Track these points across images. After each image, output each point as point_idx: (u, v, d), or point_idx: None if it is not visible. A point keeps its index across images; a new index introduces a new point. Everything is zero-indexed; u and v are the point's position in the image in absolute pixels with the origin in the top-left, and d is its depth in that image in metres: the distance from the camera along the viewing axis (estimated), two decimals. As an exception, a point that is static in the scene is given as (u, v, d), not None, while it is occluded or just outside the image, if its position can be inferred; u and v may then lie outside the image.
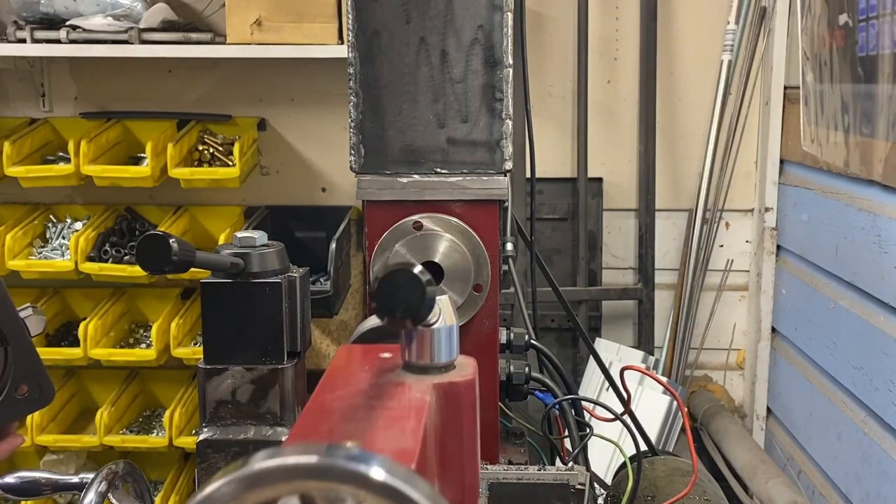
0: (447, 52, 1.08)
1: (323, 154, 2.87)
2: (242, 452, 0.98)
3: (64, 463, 2.74)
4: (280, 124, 2.88)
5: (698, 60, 2.79)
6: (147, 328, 2.75)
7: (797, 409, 2.55)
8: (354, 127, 1.09)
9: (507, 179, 1.12)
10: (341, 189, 2.87)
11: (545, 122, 2.80)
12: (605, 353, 2.72)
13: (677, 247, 2.88)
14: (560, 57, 2.81)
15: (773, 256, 2.74)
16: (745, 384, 2.90)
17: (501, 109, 1.09)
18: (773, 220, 2.73)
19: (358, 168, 1.10)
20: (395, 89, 1.09)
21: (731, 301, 2.89)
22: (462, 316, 1.09)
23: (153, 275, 1.77)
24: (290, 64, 2.74)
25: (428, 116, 1.09)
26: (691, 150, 2.83)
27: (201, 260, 0.91)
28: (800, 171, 2.56)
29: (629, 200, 2.87)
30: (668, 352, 2.83)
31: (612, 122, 2.84)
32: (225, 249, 0.98)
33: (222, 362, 0.97)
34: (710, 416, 2.73)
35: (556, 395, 1.27)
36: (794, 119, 2.49)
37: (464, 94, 1.08)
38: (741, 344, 2.91)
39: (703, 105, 2.79)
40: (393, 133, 1.10)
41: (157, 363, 2.57)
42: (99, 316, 2.59)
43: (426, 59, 1.08)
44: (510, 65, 1.09)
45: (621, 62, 2.82)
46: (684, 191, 2.85)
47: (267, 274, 0.97)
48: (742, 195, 2.83)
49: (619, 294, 2.85)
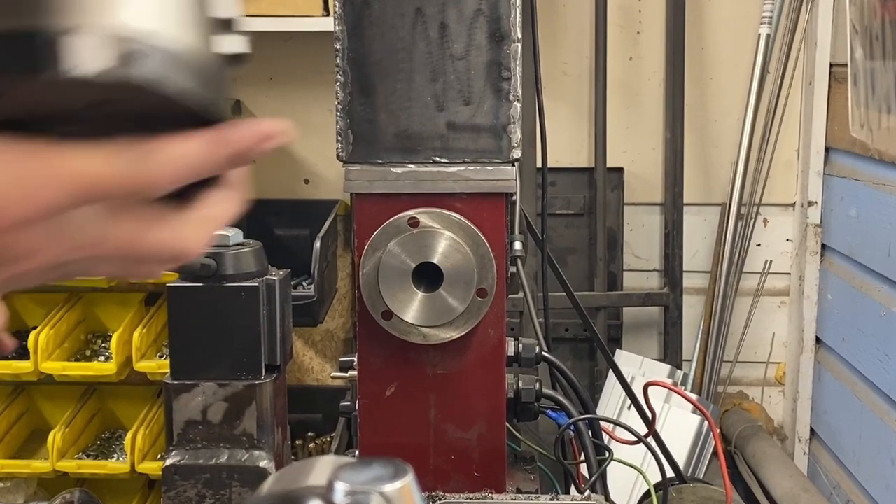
0: (447, 24, 1.08)
1: (306, 141, 2.87)
2: (214, 479, 0.98)
3: (11, 491, 2.74)
4: (257, 107, 2.87)
5: (732, 34, 2.79)
6: (106, 338, 2.75)
7: (845, 430, 2.55)
8: (342, 110, 1.09)
9: (514, 169, 1.12)
10: (327, 180, 2.87)
11: (558, 104, 2.80)
12: (626, 367, 2.72)
13: (708, 246, 2.88)
14: (576, 30, 2.81)
15: (818, 257, 2.74)
16: (786, 402, 2.90)
17: (509, 90, 1.09)
18: (817, 216, 2.73)
19: (346, 157, 1.10)
20: (388, 67, 1.09)
21: (770, 308, 2.89)
22: (464, 325, 1.09)
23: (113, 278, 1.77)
24: (269, 38, 2.73)
25: (425, 98, 1.09)
26: (724, 136, 2.83)
27: (168, 261, 0.91)
28: (847, 159, 2.56)
29: (654, 193, 2.87)
30: (699, 365, 2.83)
31: (635, 105, 2.84)
32: (195, 249, 0.98)
33: (192, 377, 0.97)
34: (745, 439, 2.73)
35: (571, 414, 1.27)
36: (842, 101, 2.49)
37: (466, 72, 1.08)
38: (781, 357, 2.91)
39: (738, 85, 2.79)
40: (385, 117, 1.10)
41: (117, 378, 2.57)
42: (51, 324, 2.59)
43: (423, 33, 1.08)
44: (519, 39, 1.09)
45: (645, 36, 2.82)
46: (716, 182, 2.85)
47: (242, 277, 0.98)
48: (782, 187, 2.82)
49: (643, 300, 2.85)
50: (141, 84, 0.44)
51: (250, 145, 0.53)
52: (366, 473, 0.65)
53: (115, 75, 0.43)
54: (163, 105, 0.46)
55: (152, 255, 0.54)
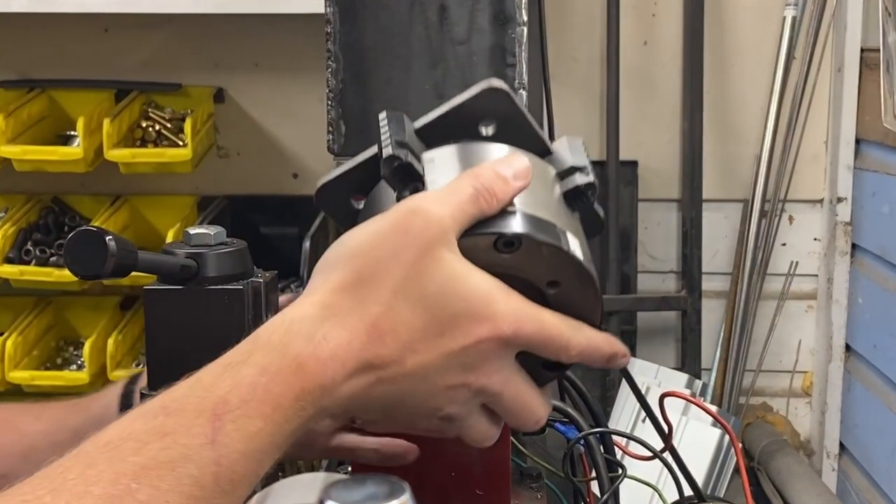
0: (447, 6, 1.08)
1: (294, 132, 2.87)
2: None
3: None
4: (241, 95, 2.87)
5: (755, 17, 2.79)
6: (79, 345, 2.75)
7: (877, 444, 2.55)
8: (333, 99, 1.09)
9: (520, 163, 1.12)
10: (317, 175, 2.84)
11: (567, 92, 2.80)
12: (640, 377, 2.72)
13: (729, 246, 2.88)
14: (586, 13, 2.81)
15: (848, 257, 2.74)
16: (813, 414, 2.90)
17: (514, 77, 1.09)
18: (846, 213, 2.73)
19: (337, 149, 1.10)
20: (384, 52, 1.09)
21: (796, 312, 2.89)
22: (465, 331, 1.09)
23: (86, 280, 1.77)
24: (254, 21, 2.73)
25: (423, 86, 1.09)
26: (746, 127, 2.83)
27: (145, 262, 0.91)
28: (880, 152, 2.56)
29: (670, 189, 2.87)
30: (719, 375, 2.83)
31: (650, 93, 2.84)
32: (174, 249, 0.98)
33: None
34: (769, 454, 2.73)
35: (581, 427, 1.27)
36: (874, 89, 2.49)
37: (467, 58, 1.08)
38: (808, 365, 2.91)
39: (762, 72, 2.79)
40: (381, 106, 1.09)
41: (90, 388, 2.56)
42: (19, 330, 2.59)
43: (421, 16, 1.08)
44: (524, 22, 1.09)
45: (661, 19, 2.82)
46: (738, 177, 2.85)
47: (225, 279, 0.97)
48: (809, 182, 2.83)
49: (659, 304, 2.85)
50: (580, 263, 0.73)
51: (621, 358, 0.78)
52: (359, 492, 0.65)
53: (573, 258, 0.73)
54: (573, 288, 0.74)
55: (525, 411, 0.74)
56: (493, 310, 0.69)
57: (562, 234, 0.74)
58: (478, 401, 0.73)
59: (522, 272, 0.73)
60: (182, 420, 0.63)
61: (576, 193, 0.80)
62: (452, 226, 0.70)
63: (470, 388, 0.71)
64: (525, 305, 0.71)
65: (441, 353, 0.69)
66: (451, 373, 0.69)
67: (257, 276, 1.00)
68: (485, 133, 0.80)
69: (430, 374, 0.69)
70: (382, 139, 0.78)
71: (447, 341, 0.68)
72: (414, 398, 0.70)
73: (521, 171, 0.74)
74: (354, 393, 0.68)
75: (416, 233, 0.68)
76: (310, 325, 0.67)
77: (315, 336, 0.66)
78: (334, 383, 0.66)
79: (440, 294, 0.68)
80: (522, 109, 0.83)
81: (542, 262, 0.73)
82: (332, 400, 0.67)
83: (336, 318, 0.67)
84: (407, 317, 0.68)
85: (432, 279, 0.68)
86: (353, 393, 0.68)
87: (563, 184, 0.81)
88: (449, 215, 0.70)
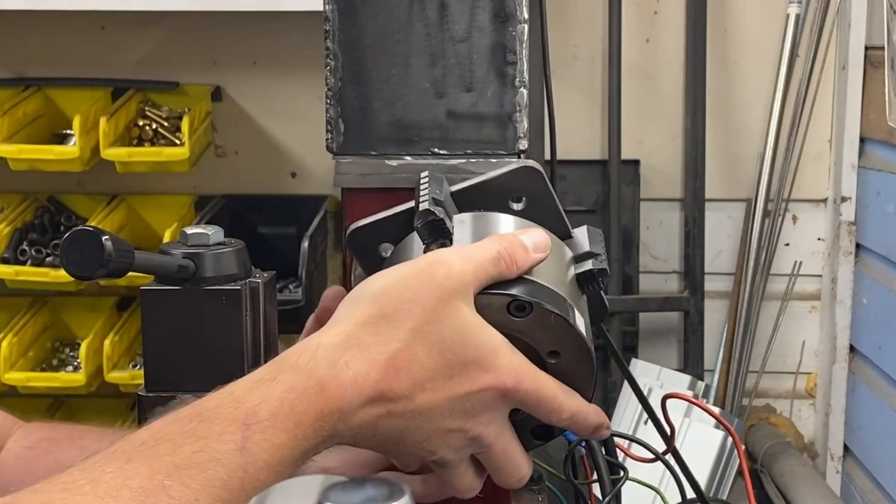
0: (447, 4, 1.08)
1: (292, 131, 2.87)
2: (193, 501, 0.98)
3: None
4: (239, 93, 2.87)
5: (758, 14, 2.79)
6: (75, 346, 2.75)
7: (881, 447, 2.55)
8: (332, 97, 1.09)
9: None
10: (315, 174, 2.87)
11: (569, 91, 2.80)
12: (642, 378, 2.72)
13: (732, 246, 2.88)
14: (587, 10, 2.81)
15: (852, 257, 2.74)
16: (817, 416, 2.90)
17: (514, 75, 1.09)
18: (851, 213, 2.73)
19: (336, 148, 1.10)
20: (383, 50, 1.09)
21: (800, 313, 2.89)
22: (465, 331, 1.09)
23: (82, 280, 1.77)
24: (253, 18, 2.73)
25: (423, 84, 1.09)
26: (750, 125, 2.83)
27: (141, 262, 0.91)
28: (884, 151, 2.56)
29: (673, 188, 2.87)
30: (722, 376, 2.83)
31: (652, 92, 2.84)
32: (171, 249, 0.98)
33: (168, 389, 0.97)
34: (773, 456, 2.73)
35: (583, 429, 1.27)
36: (878, 87, 2.49)
37: (468, 56, 1.08)
38: (812, 366, 2.91)
39: (765, 70, 2.79)
40: (380, 105, 1.10)
41: (86, 390, 2.57)
42: (15, 331, 2.59)
43: (421, 13, 1.08)
44: (525, 20, 1.09)
45: (663, 16, 2.82)
46: (741, 176, 2.85)
47: (223, 279, 0.97)
48: (813, 182, 2.83)
49: (661, 304, 2.85)
50: (583, 338, 0.80)
51: (605, 429, 0.84)
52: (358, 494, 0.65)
53: (577, 332, 0.79)
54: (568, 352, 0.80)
55: (510, 465, 0.80)
56: (499, 362, 0.76)
57: (570, 309, 0.80)
58: (470, 450, 0.79)
59: (528, 337, 0.78)
60: (215, 427, 0.68)
61: (588, 277, 0.86)
62: (472, 281, 0.76)
63: (466, 434, 0.76)
64: (527, 363, 0.78)
65: (447, 395, 0.74)
66: (453, 416, 0.75)
67: (255, 276, 1.00)
68: (514, 207, 0.87)
69: (434, 414, 0.74)
70: (421, 195, 0.86)
71: (454, 385, 0.74)
72: (415, 436, 0.75)
73: (542, 245, 0.81)
74: (365, 422, 0.73)
75: (438, 281, 0.75)
76: (334, 352, 0.72)
77: (338, 363, 0.72)
78: (350, 408, 0.71)
79: (454, 340, 0.74)
80: (552, 192, 0.88)
81: (548, 330, 0.78)
82: (346, 425, 0.72)
83: (358, 349, 0.73)
84: (422, 357, 0.73)
85: (448, 325, 0.74)
86: (363, 422, 0.73)
87: (578, 266, 0.87)
88: (471, 271, 0.76)
